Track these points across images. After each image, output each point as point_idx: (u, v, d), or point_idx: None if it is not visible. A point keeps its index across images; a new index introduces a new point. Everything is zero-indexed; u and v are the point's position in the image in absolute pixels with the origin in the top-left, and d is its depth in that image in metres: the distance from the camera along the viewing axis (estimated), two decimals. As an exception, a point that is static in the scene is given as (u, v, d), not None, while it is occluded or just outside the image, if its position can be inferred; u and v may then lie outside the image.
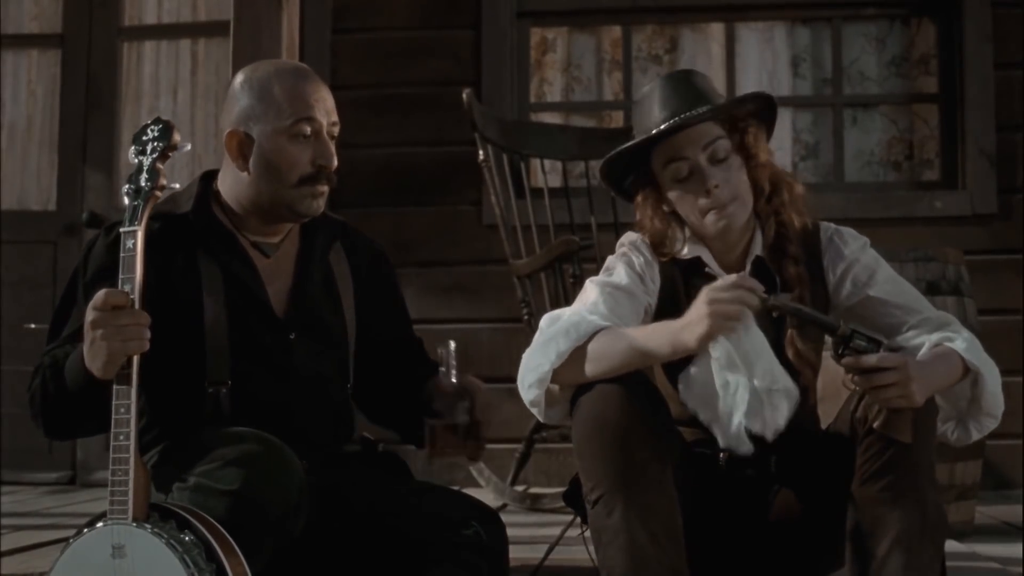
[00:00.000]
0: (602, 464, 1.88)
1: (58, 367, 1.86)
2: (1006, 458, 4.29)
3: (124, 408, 1.69)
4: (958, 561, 2.56)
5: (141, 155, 1.81)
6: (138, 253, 1.73)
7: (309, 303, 2.08)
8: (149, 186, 1.80)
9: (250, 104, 2.01)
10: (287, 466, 1.79)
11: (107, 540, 1.69)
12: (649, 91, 2.10)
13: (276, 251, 2.09)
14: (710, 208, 2.03)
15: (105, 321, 1.69)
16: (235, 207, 2.07)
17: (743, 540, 2.09)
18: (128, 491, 1.67)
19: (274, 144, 1.99)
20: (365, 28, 4.76)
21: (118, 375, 1.71)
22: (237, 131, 2.02)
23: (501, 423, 4.41)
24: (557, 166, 4.04)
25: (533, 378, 1.96)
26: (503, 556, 2.00)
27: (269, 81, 2.02)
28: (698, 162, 2.03)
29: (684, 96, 2.05)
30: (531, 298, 3.61)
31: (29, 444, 4.62)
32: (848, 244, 2.13)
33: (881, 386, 1.82)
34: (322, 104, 2.03)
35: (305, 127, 2.00)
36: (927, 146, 4.80)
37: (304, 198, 2.01)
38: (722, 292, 1.81)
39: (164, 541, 1.66)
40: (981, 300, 3.30)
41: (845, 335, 1.84)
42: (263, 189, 2.02)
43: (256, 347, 2.01)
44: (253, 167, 2.01)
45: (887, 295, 2.08)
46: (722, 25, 4.86)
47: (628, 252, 2.12)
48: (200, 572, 1.64)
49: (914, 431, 1.88)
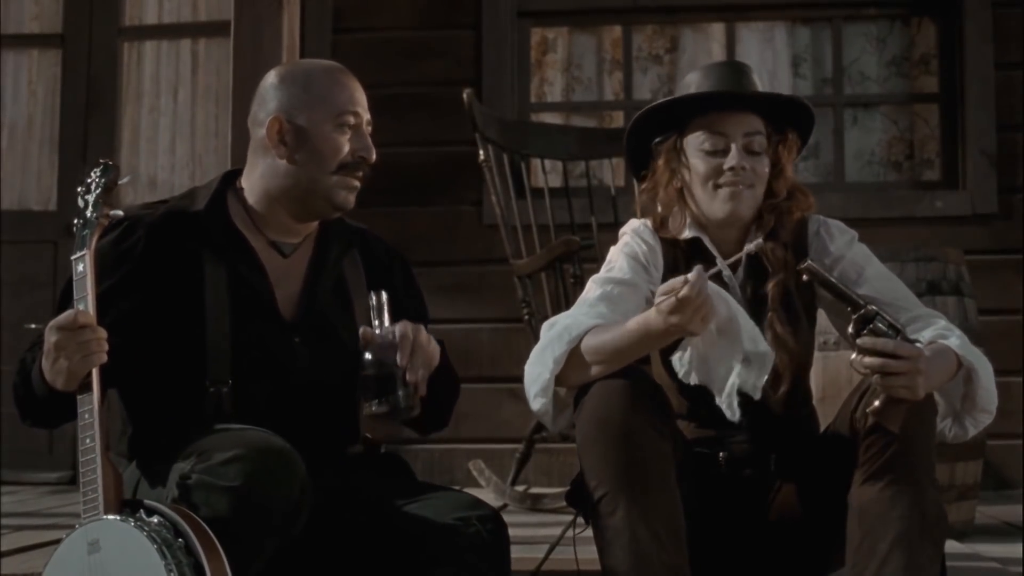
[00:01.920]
0: (605, 463, 1.88)
1: (26, 372, 1.93)
2: (1006, 458, 4.29)
3: (88, 413, 1.79)
4: (958, 561, 2.56)
5: (87, 195, 1.95)
6: (88, 276, 1.85)
7: (318, 307, 2.08)
8: (95, 217, 1.92)
9: (294, 93, 2.06)
10: (289, 464, 1.79)
11: (83, 539, 1.74)
12: (707, 67, 2.13)
13: (293, 252, 2.10)
14: (727, 184, 2.05)
15: (69, 340, 1.78)
16: (262, 202, 2.08)
17: (743, 539, 2.10)
18: (98, 488, 1.75)
19: (320, 131, 2.04)
20: (366, 28, 4.76)
21: (79, 385, 1.81)
22: (279, 118, 2.05)
23: (501, 423, 4.46)
24: (557, 166, 4.04)
25: (537, 388, 1.98)
26: (504, 556, 1.99)
27: (313, 75, 2.09)
28: (735, 144, 2.06)
29: (741, 80, 2.10)
30: (531, 298, 3.61)
31: (29, 444, 4.64)
32: (835, 239, 2.14)
33: (891, 373, 1.83)
34: (362, 100, 2.11)
35: (350, 118, 2.07)
36: (927, 146, 4.80)
37: (340, 188, 2.05)
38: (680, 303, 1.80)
39: (132, 525, 1.70)
40: (982, 300, 3.30)
41: (869, 315, 1.85)
42: (302, 176, 2.05)
43: (259, 348, 2.01)
44: (295, 153, 2.05)
45: (877, 293, 2.08)
46: (722, 25, 4.86)
47: (630, 241, 2.13)
48: (169, 548, 1.67)
49: (914, 430, 1.88)
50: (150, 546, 1.67)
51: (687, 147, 2.11)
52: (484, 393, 4.44)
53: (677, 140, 2.12)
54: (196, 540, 1.68)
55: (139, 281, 1.98)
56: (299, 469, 1.79)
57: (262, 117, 2.07)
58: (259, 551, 1.76)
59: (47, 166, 5.14)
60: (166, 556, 1.66)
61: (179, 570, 1.66)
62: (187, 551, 1.68)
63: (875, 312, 1.85)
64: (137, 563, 1.68)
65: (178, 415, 1.97)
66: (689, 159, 2.10)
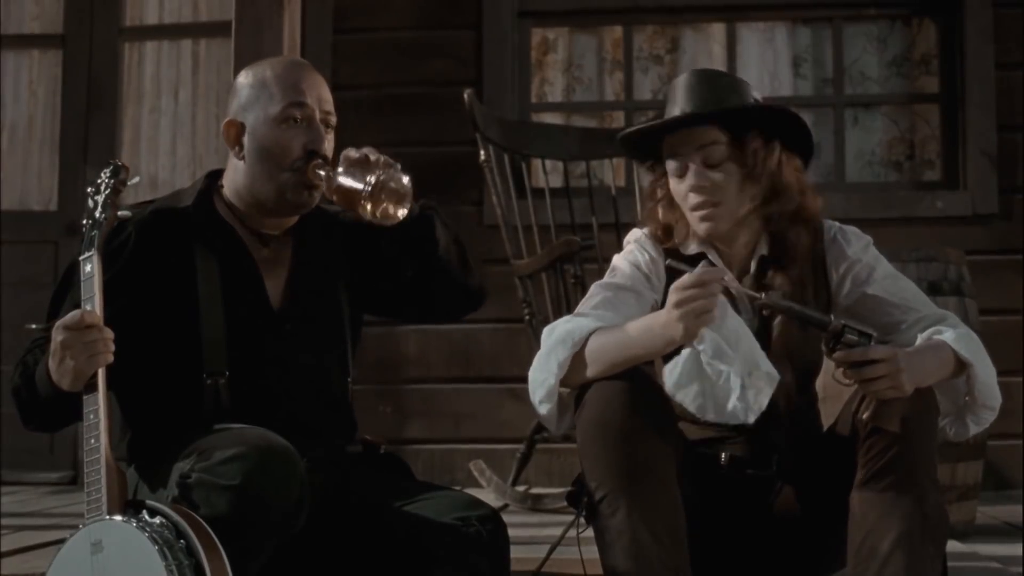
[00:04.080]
0: (606, 464, 1.88)
1: (29, 375, 1.93)
2: (1007, 458, 4.30)
3: (93, 413, 1.80)
4: (959, 561, 2.55)
5: (96, 195, 1.95)
6: (96, 276, 1.85)
7: (304, 294, 2.10)
8: (103, 217, 1.92)
9: (247, 93, 2.07)
10: (289, 462, 1.79)
11: (86, 539, 1.75)
12: (681, 80, 2.11)
13: (276, 242, 2.11)
14: (691, 207, 2.05)
15: (75, 340, 1.79)
16: (237, 199, 2.10)
17: (745, 539, 2.09)
18: (102, 489, 1.76)
19: (266, 129, 2.04)
20: (366, 28, 4.76)
21: (86, 385, 1.81)
22: (234, 120, 2.08)
23: (502, 423, 4.46)
24: (558, 166, 4.04)
25: (543, 393, 1.98)
26: (504, 556, 1.99)
27: (266, 72, 2.08)
28: (691, 161, 2.04)
29: (701, 94, 2.06)
30: (532, 298, 3.61)
31: (30, 444, 4.63)
32: (851, 244, 2.13)
33: (872, 378, 1.83)
34: (313, 91, 2.06)
35: (295, 112, 2.03)
36: (928, 146, 4.80)
37: (294, 186, 2.03)
38: (686, 292, 1.83)
39: (135, 526, 1.71)
40: (982, 300, 3.30)
41: (837, 330, 1.85)
42: (257, 175, 2.05)
43: (253, 338, 2.03)
44: (248, 154, 2.06)
45: (884, 293, 2.08)
46: (723, 25, 4.86)
47: (634, 249, 2.13)
48: (170, 549, 1.67)
49: (915, 431, 1.88)
50: (151, 547, 1.67)
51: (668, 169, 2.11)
52: (485, 393, 4.44)
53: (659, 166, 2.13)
54: (197, 541, 1.68)
55: (131, 278, 2.00)
56: (299, 468, 1.80)
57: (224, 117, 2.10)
58: (259, 550, 1.77)
59: (48, 166, 5.15)
60: (167, 557, 1.67)
61: (180, 571, 1.66)
62: (188, 552, 1.68)
63: (842, 325, 1.86)
64: (139, 564, 1.68)
65: (177, 410, 1.98)
66: (670, 181, 2.10)
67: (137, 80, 5.15)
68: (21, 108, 5.20)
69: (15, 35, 5.18)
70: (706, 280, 1.83)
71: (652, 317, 1.93)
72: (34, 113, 5.20)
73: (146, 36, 5.17)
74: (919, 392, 1.89)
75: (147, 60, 5.16)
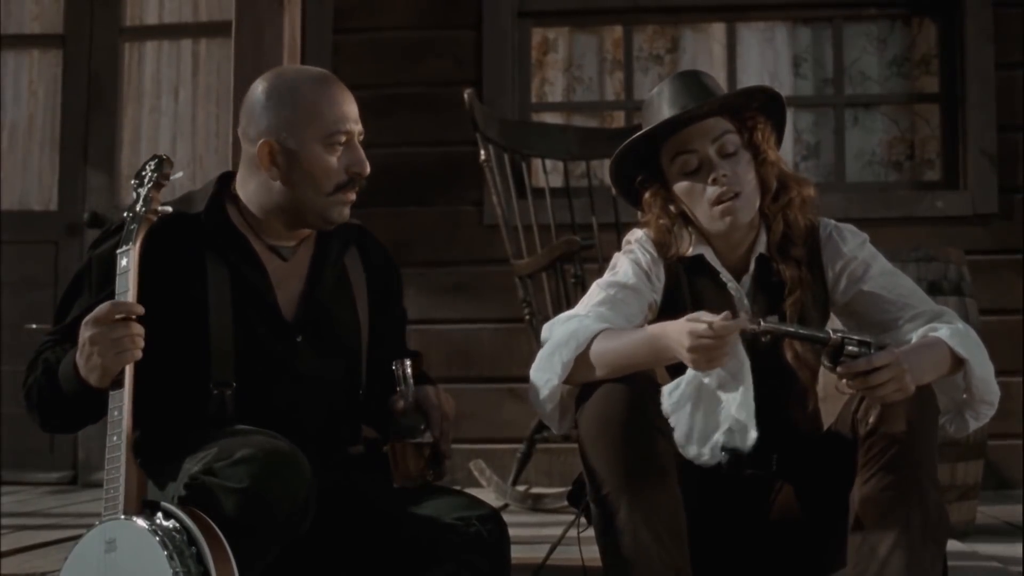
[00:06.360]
0: (607, 463, 1.88)
1: (51, 371, 1.90)
2: (1007, 458, 4.30)
3: (117, 411, 1.78)
4: (959, 560, 2.56)
5: (139, 187, 1.94)
6: (132, 271, 1.84)
7: (319, 307, 2.08)
8: (144, 211, 1.91)
9: (284, 115, 2.01)
10: (296, 465, 1.79)
11: (101, 537, 1.74)
12: (658, 90, 2.11)
13: (292, 254, 2.10)
14: (717, 199, 2.03)
15: (104, 336, 1.77)
16: (256, 211, 2.07)
17: (745, 540, 2.10)
18: (120, 487, 1.74)
19: (312, 152, 2.01)
20: (366, 28, 4.76)
21: (112, 382, 1.79)
22: (270, 142, 2.01)
23: (502, 423, 4.45)
24: (558, 166, 4.05)
25: (546, 393, 1.98)
26: (505, 556, 2.00)
27: (300, 91, 2.03)
28: (707, 154, 2.05)
29: (692, 92, 2.07)
30: (532, 298, 3.61)
31: (30, 444, 4.64)
32: (847, 241, 2.13)
33: (879, 384, 1.83)
34: (352, 112, 2.06)
35: (341, 137, 2.03)
36: (928, 146, 4.80)
37: (335, 205, 2.04)
38: (702, 340, 1.78)
39: (148, 528, 1.70)
40: (982, 300, 3.31)
41: (837, 344, 1.85)
42: (297, 197, 2.03)
43: (262, 349, 2.01)
44: (287, 175, 2.02)
45: (880, 289, 2.08)
46: (723, 25, 4.86)
47: (635, 249, 2.13)
48: (180, 555, 1.67)
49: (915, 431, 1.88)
50: (161, 552, 1.67)
51: (669, 175, 2.09)
52: (485, 393, 4.44)
53: (657, 172, 2.11)
54: (206, 545, 1.68)
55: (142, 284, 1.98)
56: (305, 471, 1.80)
57: (252, 134, 2.04)
58: (265, 552, 1.77)
59: (48, 166, 5.15)
60: (176, 564, 1.66)
61: (186, 577, 1.67)
62: (198, 559, 1.68)
63: (841, 339, 1.85)
64: (148, 567, 1.68)
65: (183, 417, 1.97)
66: (673, 184, 2.09)
67: (137, 80, 5.15)
68: (21, 108, 5.20)
69: (15, 35, 5.18)
70: (724, 334, 1.79)
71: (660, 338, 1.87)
72: (34, 113, 5.20)
73: (146, 36, 5.17)
74: (919, 391, 1.88)
75: (147, 60, 5.16)
